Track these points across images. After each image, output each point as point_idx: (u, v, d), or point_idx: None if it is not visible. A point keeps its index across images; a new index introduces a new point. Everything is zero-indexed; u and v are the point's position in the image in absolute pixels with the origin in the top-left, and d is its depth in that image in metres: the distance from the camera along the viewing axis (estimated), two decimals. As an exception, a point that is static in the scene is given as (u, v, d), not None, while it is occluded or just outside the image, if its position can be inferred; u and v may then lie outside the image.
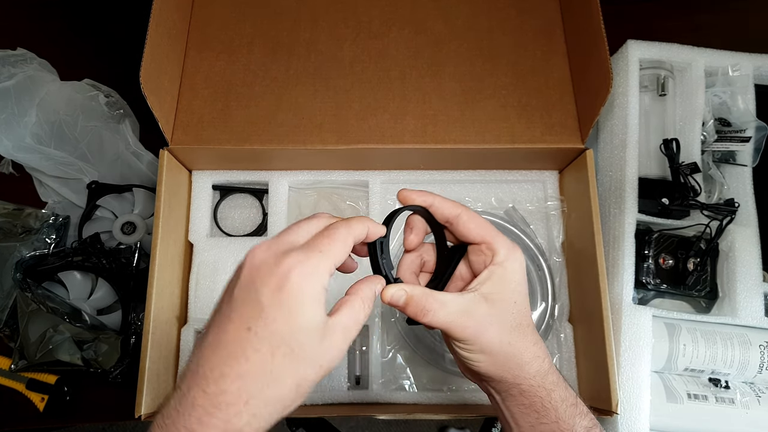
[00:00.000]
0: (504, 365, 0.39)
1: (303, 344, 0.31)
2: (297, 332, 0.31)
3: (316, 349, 0.32)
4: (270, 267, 0.32)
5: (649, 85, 0.70)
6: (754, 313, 0.62)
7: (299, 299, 0.31)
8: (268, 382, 0.30)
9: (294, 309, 0.31)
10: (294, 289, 0.31)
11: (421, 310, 0.37)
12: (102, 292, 0.67)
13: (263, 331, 0.30)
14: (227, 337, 0.31)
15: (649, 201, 0.65)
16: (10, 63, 0.72)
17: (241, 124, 0.64)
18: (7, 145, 0.69)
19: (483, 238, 0.40)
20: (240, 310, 0.31)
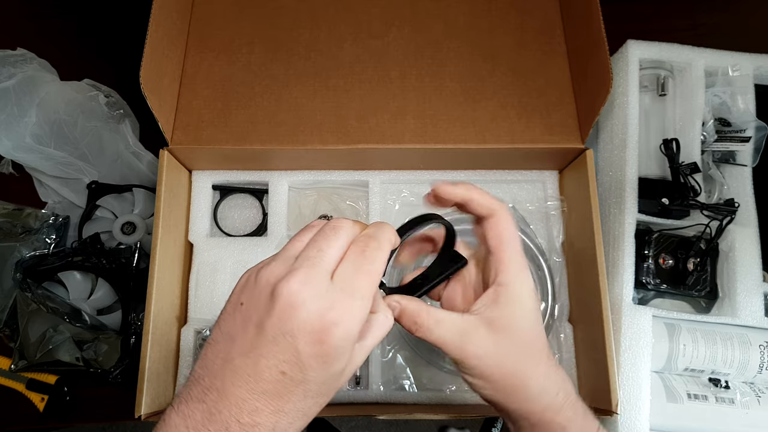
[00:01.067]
0: (509, 396, 0.36)
1: (334, 387, 0.32)
2: (331, 379, 0.31)
3: (340, 382, 0.32)
4: (310, 314, 0.29)
5: (649, 85, 0.70)
6: (754, 313, 0.62)
7: (338, 353, 0.30)
8: (299, 417, 0.31)
9: (331, 361, 0.30)
10: (335, 345, 0.29)
11: (414, 324, 0.35)
12: (102, 292, 0.67)
13: (298, 377, 0.30)
14: (261, 374, 0.30)
15: (649, 201, 0.65)
16: (9, 63, 0.72)
17: (241, 124, 0.64)
18: (7, 145, 0.69)
19: (495, 247, 0.37)
20: (274, 351, 0.29)
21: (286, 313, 0.29)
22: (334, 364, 0.30)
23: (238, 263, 0.67)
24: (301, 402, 0.30)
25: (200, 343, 0.65)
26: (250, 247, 0.68)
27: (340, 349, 0.30)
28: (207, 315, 0.66)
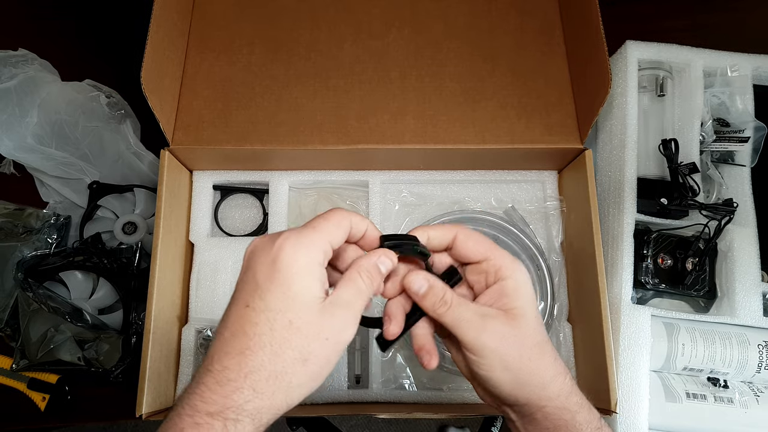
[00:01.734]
0: (527, 384, 0.36)
1: (300, 315, 0.31)
2: (293, 303, 0.31)
3: (316, 321, 0.32)
4: (265, 246, 0.33)
5: (647, 85, 0.70)
6: (753, 312, 0.63)
7: (292, 270, 0.31)
8: (268, 356, 0.31)
9: (287, 280, 0.31)
10: (286, 261, 0.31)
11: (440, 300, 0.36)
12: (103, 292, 0.67)
13: (260, 304, 0.31)
14: (230, 318, 0.32)
15: (647, 201, 0.65)
16: (11, 63, 0.72)
17: (241, 125, 0.64)
18: (8, 146, 0.70)
19: (484, 254, 0.38)
20: (241, 292, 0.32)
21: (249, 257, 0.33)
22: (291, 285, 0.31)
23: (239, 263, 0.66)
24: (267, 335, 0.31)
25: (201, 342, 0.65)
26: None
27: (294, 267, 0.31)
28: (208, 315, 0.66)
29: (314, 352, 0.32)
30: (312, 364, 0.32)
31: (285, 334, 0.31)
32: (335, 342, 0.32)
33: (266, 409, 0.31)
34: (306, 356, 0.31)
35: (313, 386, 0.33)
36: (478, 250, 0.38)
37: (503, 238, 0.68)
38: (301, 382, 0.32)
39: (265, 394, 0.31)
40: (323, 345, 0.32)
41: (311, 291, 0.32)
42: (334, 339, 0.32)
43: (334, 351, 0.33)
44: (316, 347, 0.32)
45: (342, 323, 0.33)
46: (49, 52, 0.76)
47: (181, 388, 0.63)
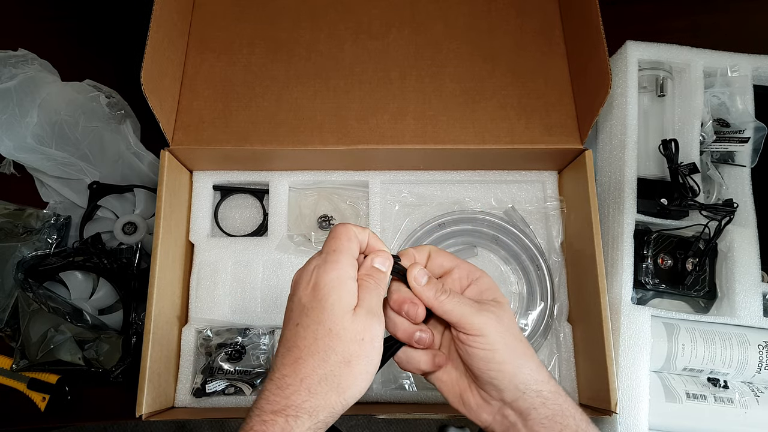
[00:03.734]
0: (524, 365, 0.39)
1: (337, 323, 0.36)
2: (330, 314, 0.36)
3: (351, 325, 0.36)
4: (304, 273, 0.39)
5: (648, 85, 0.70)
6: (753, 313, 0.63)
7: (327, 288, 0.37)
8: (317, 361, 0.36)
9: (324, 296, 0.37)
10: (321, 284, 0.37)
11: (441, 289, 0.40)
12: (103, 292, 0.67)
13: (305, 321, 0.37)
14: (284, 336, 0.38)
15: (647, 201, 0.65)
16: (11, 64, 0.72)
17: (241, 125, 0.64)
18: (8, 146, 0.70)
19: (453, 263, 0.42)
20: (291, 313, 0.38)
21: (293, 288, 0.39)
22: (328, 300, 0.36)
23: (239, 263, 0.68)
24: (313, 345, 0.36)
25: (201, 342, 0.65)
26: (251, 247, 0.68)
27: (328, 286, 0.37)
28: (208, 315, 0.66)
29: (354, 353, 0.36)
30: (355, 365, 0.36)
31: (327, 341, 0.36)
32: (370, 340, 0.37)
33: (321, 408, 0.35)
34: (348, 358, 0.36)
35: (362, 384, 0.37)
36: (448, 260, 0.43)
37: (503, 238, 0.68)
38: (349, 381, 0.36)
39: (318, 395, 0.35)
40: (361, 345, 0.37)
41: (343, 301, 0.37)
42: (368, 338, 0.37)
43: (372, 348, 0.37)
44: (355, 348, 0.36)
45: (369, 322, 0.37)
46: (49, 52, 0.76)
47: (181, 388, 0.63)
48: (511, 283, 0.69)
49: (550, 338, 0.67)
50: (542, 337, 0.66)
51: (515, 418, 0.40)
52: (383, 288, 0.40)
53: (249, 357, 0.65)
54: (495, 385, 0.39)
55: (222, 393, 0.63)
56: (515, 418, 0.40)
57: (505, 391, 0.39)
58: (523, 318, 0.66)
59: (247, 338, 0.65)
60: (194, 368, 0.65)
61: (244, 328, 0.66)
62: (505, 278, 0.69)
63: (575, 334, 0.65)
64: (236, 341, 0.65)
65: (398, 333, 0.41)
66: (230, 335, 0.65)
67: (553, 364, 0.65)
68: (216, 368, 0.64)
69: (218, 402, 0.62)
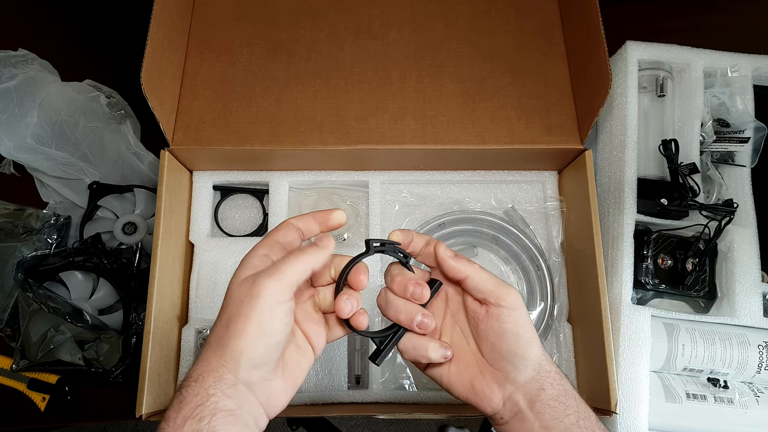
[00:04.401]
0: (536, 344, 0.40)
1: (227, 294, 0.38)
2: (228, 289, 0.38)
3: (234, 291, 0.37)
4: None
5: (648, 85, 0.70)
6: (753, 313, 0.63)
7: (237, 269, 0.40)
8: (210, 335, 0.37)
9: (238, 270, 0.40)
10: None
11: (467, 261, 0.41)
12: (103, 292, 0.67)
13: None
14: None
15: (647, 201, 0.65)
16: (11, 64, 0.72)
17: (241, 125, 0.64)
18: (8, 146, 0.70)
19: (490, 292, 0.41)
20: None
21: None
22: (236, 275, 0.38)
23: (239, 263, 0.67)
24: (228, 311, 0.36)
25: (201, 342, 0.65)
26: (251, 247, 0.68)
27: (240, 266, 0.39)
28: (208, 315, 0.66)
29: (233, 314, 0.36)
30: (233, 324, 0.35)
31: (219, 314, 0.37)
32: (249, 299, 0.35)
33: (206, 372, 0.35)
34: (227, 321, 0.36)
35: (243, 343, 0.35)
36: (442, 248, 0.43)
37: (503, 238, 0.68)
38: (228, 341, 0.35)
39: (203, 361, 0.36)
40: (239, 306, 0.36)
41: (239, 275, 0.38)
42: (247, 298, 0.36)
43: (251, 307, 0.35)
44: (233, 310, 0.36)
45: (253, 283, 0.36)
46: (49, 52, 0.76)
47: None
48: (511, 283, 0.69)
49: (550, 338, 0.67)
50: (542, 337, 0.66)
51: (524, 404, 0.40)
52: (308, 261, 0.38)
53: (249, 357, 0.65)
54: (517, 365, 0.40)
55: (222, 393, 0.62)
56: (524, 404, 0.40)
57: (524, 370, 0.40)
58: (523, 318, 0.66)
59: (247, 338, 0.65)
60: (194, 368, 0.65)
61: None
62: (505, 278, 0.69)
63: (575, 335, 0.65)
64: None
65: (401, 317, 0.41)
66: (230, 335, 0.65)
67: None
68: (216, 368, 0.63)
69: (218, 402, 0.62)
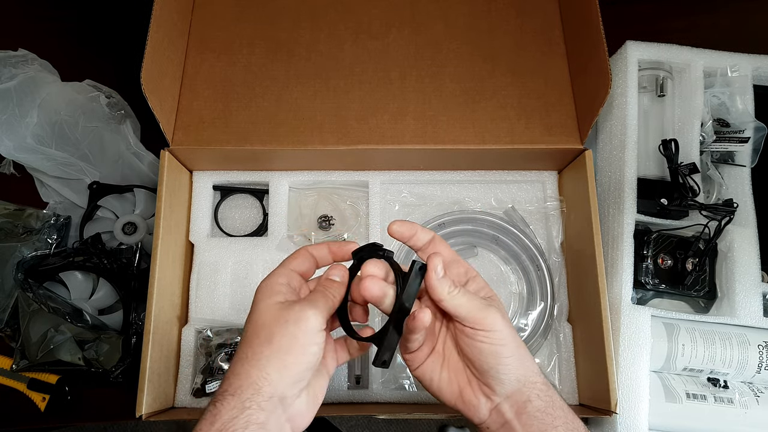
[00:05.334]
0: (525, 358, 0.41)
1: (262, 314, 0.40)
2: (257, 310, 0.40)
3: (276, 313, 0.39)
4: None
5: (647, 85, 0.70)
6: (753, 313, 0.63)
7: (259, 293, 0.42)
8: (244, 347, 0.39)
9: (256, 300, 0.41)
10: (258, 289, 0.42)
11: (451, 286, 0.41)
12: (103, 292, 0.67)
13: (247, 322, 0.42)
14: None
15: (647, 201, 0.65)
16: (11, 64, 0.72)
17: (241, 125, 0.64)
18: (8, 146, 0.70)
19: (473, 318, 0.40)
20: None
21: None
22: (258, 300, 0.40)
23: (239, 263, 0.68)
24: (245, 338, 0.39)
25: (201, 342, 0.65)
26: (251, 247, 0.68)
27: (260, 291, 0.41)
28: (208, 315, 0.66)
29: (277, 332, 0.38)
30: (276, 341, 0.38)
31: (253, 329, 0.39)
32: (295, 321, 0.38)
33: (245, 386, 0.37)
34: (270, 338, 0.38)
35: (289, 359, 0.38)
36: (449, 253, 0.44)
37: (503, 238, 0.68)
38: (270, 358, 0.38)
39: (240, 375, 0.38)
40: (285, 326, 0.38)
41: (270, 299, 0.40)
42: (293, 319, 0.38)
43: (298, 329, 0.38)
44: (278, 329, 0.38)
45: (299, 311, 0.39)
46: (49, 52, 0.76)
47: (181, 388, 0.63)
48: (511, 283, 0.69)
49: (550, 338, 0.67)
50: (542, 337, 0.66)
51: (511, 414, 0.40)
52: (333, 296, 0.42)
53: (249, 357, 0.65)
54: (500, 379, 0.40)
55: (222, 393, 0.63)
56: (511, 414, 0.40)
57: (508, 384, 0.40)
58: (523, 318, 0.66)
59: (247, 338, 0.65)
60: (194, 368, 0.65)
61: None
62: (505, 278, 0.69)
63: (575, 334, 0.65)
64: (236, 341, 0.65)
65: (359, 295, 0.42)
66: (230, 335, 0.65)
67: (553, 364, 0.65)
68: (216, 368, 0.64)
69: (218, 402, 0.62)
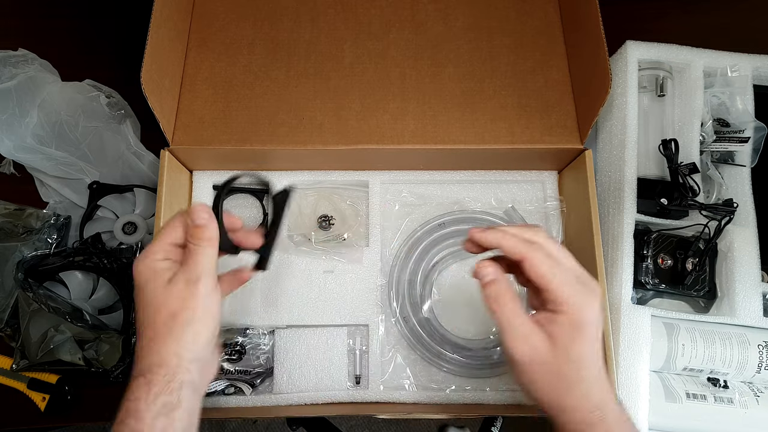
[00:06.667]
0: (561, 392, 0.39)
1: (156, 299, 0.43)
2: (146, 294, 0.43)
3: (166, 297, 0.42)
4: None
5: (647, 85, 0.70)
6: (753, 313, 0.63)
7: (139, 279, 0.44)
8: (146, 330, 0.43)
9: (139, 287, 0.44)
10: (135, 276, 0.44)
11: (501, 296, 0.40)
12: (103, 292, 0.68)
13: (138, 309, 0.46)
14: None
15: (647, 201, 0.65)
16: (11, 63, 0.72)
17: (241, 125, 0.64)
18: (8, 146, 0.70)
19: (543, 286, 0.40)
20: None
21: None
22: (141, 286, 0.43)
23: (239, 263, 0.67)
24: (143, 322, 0.42)
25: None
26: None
27: (140, 277, 0.43)
28: (208, 315, 0.66)
29: (178, 307, 0.41)
30: (181, 316, 0.41)
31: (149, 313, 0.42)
32: (191, 296, 0.41)
33: (156, 364, 0.40)
34: (174, 314, 0.41)
35: (196, 327, 0.41)
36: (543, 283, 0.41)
37: (503, 238, 0.68)
38: (180, 332, 0.41)
39: (151, 353, 0.41)
40: (183, 302, 0.41)
41: (154, 282, 0.43)
42: (189, 299, 0.41)
43: (196, 303, 0.41)
44: (178, 305, 0.41)
45: (186, 291, 0.41)
46: (49, 52, 0.76)
47: (181, 388, 0.63)
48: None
49: (550, 338, 0.67)
50: (542, 337, 0.66)
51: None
52: (207, 245, 0.43)
53: (249, 357, 0.65)
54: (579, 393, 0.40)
55: (222, 393, 0.63)
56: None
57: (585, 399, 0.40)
58: (523, 318, 0.66)
59: (247, 338, 0.65)
60: (194, 368, 0.65)
61: (244, 328, 0.66)
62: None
63: (575, 334, 0.65)
64: (236, 341, 0.65)
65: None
66: (230, 335, 0.65)
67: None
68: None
69: (218, 402, 0.62)
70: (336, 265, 0.67)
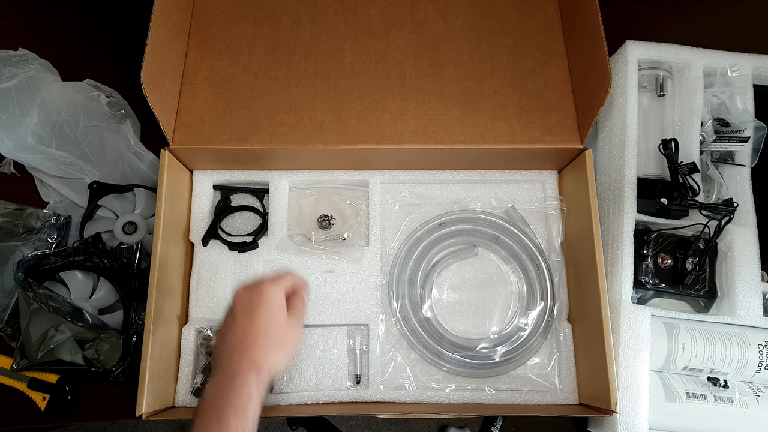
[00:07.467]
0: None
1: (280, 322, 0.51)
2: (272, 317, 0.51)
3: (287, 324, 0.51)
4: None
5: (647, 85, 0.70)
6: (753, 312, 0.63)
7: (271, 305, 0.51)
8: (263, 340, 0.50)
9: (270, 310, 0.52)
10: (267, 301, 0.51)
11: None
12: (103, 292, 0.67)
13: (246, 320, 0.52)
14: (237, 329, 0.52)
15: (647, 201, 0.65)
16: (11, 63, 0.72)
17: (241, 124, 0.64)
18: (8, 146, 0.70)
19: None
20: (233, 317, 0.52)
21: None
22: (277, 310, 0.51)
23: (239, 262, 0.68)
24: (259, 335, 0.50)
25: (201, 342, 0.65)
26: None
27: (276, 301, 0.51)
28: (208, 314, 0.66)
29: (289, 337, 0.52)
30: (290, 340, 0.52)
31: (273, 331, 0.51)
32: (296, 327, 0.53)
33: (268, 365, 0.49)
34: (284, 338, 0.51)
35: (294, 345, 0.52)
36: None
37: (503, 237, 0.68)
38: (287, 348, 0.51)
39: (266, 357, 0.49)
40: (291, 331, 0.52)
41: (282, 312, 0.52)
42: (296, 331, 0.53)
43: (297, 335, 0.52)
44: (289, 335, 0.52)
45: (296, 323, 0.53)
46: (50, 51, 0.76)
47: (181, 387, 0.63)
48: (511, 282, 0.69)
49: (550, 338, 0.67)
50: (542, 337, 0.66)
51: None
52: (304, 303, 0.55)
53: (249, 357, 0.65)
54: None
55: (222, 393, 0.62)
56: None
57: None
58: (523, 317, 0.66)
59: (247, 338, 0.65)
60: (194, 368, 0.65)
61: (244, 327, 0.66)
62: (505, 278, 0.69)
63: (575, 334, 0.65)
64: (236, 341, 0.65)
65: None
66: (230, 335, 0.65)
67: (553, 363, 0.65)
68: (216, 368, 0.64)
69: (218, 402, 0.62)
70: (336, 264, 0.67)
